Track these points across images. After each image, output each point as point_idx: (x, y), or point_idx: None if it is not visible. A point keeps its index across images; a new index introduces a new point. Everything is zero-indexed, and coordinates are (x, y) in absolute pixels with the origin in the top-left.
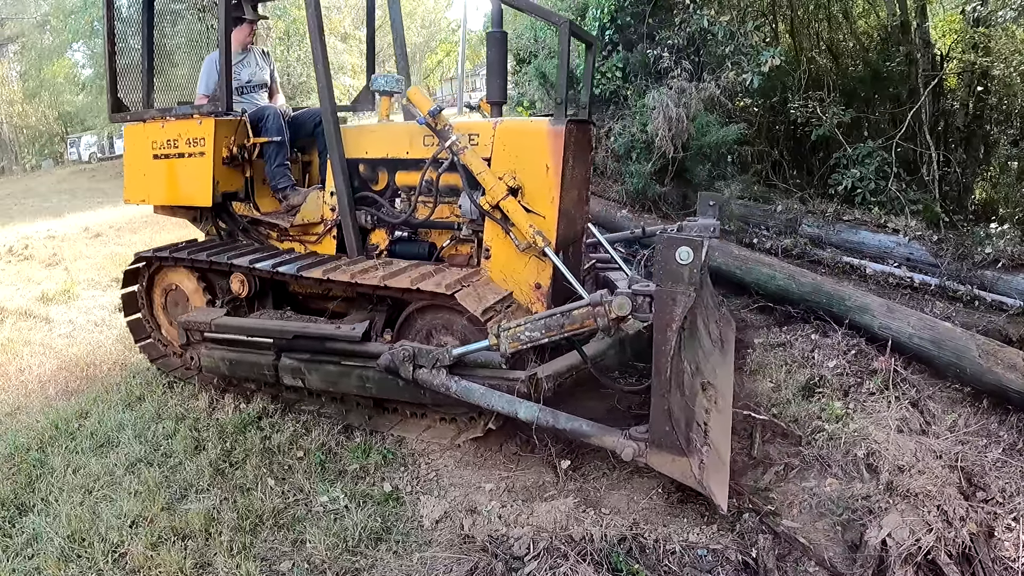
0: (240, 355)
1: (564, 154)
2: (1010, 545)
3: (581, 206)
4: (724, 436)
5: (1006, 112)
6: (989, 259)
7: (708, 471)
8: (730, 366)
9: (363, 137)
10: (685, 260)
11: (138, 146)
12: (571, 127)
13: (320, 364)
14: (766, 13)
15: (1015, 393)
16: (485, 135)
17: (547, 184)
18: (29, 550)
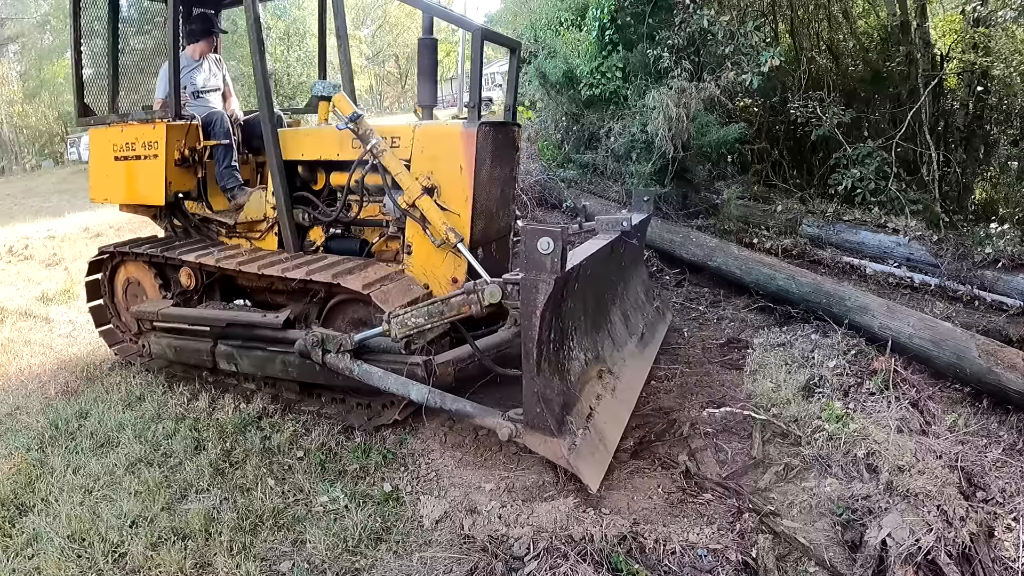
0: (183, 342)
1: (477, 155)
2: (1010, 545)
3: (506, 204)
4: (616, 423)
5: (1006, 112)
6: (989, 259)
7: (580, 453)
8: (648, 359)
9: (300, 140)
10: (546, 250)
11: (101, 149)
12: (486, 129)
13: (250, 350)
14: (766, 13)
15: (1015, 393)
16: (405, 138)
17: (461, 183)
18: (29, 550)
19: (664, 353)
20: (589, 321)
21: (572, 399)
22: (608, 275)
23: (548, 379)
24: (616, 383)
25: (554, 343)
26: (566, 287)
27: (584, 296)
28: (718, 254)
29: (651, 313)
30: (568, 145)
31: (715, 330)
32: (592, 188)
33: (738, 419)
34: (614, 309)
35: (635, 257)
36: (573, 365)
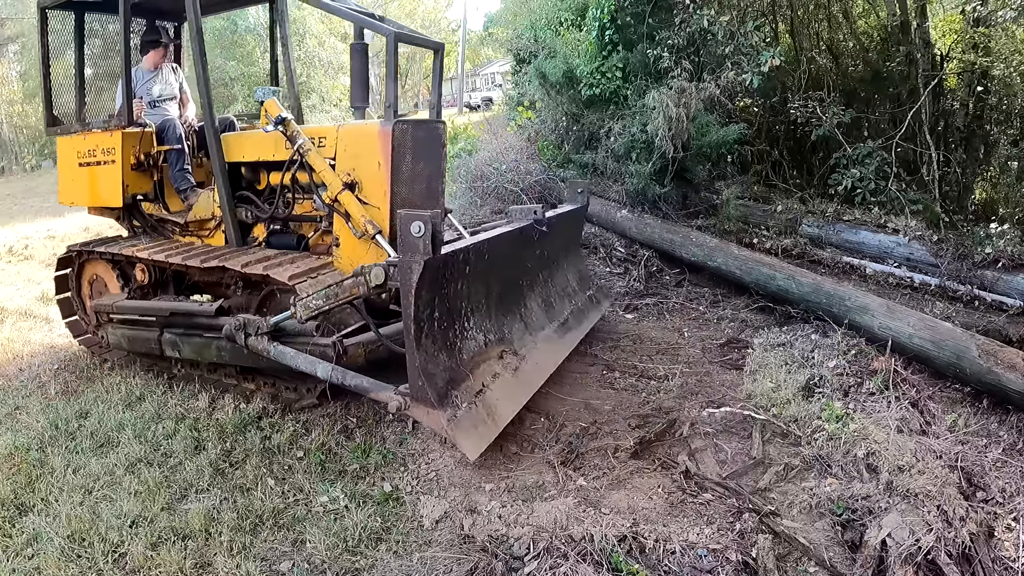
0: (135, 332)
1: (394, 151)
2: (1010, 545)
3: (432, 199)
4: (511, 401)
5: (1006, 112)
6: (989, 259)
7: (461, 425)
8: (568, 344)
9: (241, 143)
10: (417, 233)
11: (68, 155)
12: (404, 127)
13: (190, 337)
14: (766, 13)
15: (1015, 393)
16: (330, 138)
17: (379, 178)
18: (29, 550)
19: (664, 353)
20: (494, 304)
21: (461, 375)
22: (523, 262)
23: (431, 355)
24: (521, 364)
25: (440, 322)
26: (448, 269)
27: (486, 280)
28: (718, 254)
29: (582, 301)
30: (568, 145)
31: (715, 330)
32: (592, 188)
33: (738, 419)
34: (532, 295)
35: (568, 246)
36: (468, 344)
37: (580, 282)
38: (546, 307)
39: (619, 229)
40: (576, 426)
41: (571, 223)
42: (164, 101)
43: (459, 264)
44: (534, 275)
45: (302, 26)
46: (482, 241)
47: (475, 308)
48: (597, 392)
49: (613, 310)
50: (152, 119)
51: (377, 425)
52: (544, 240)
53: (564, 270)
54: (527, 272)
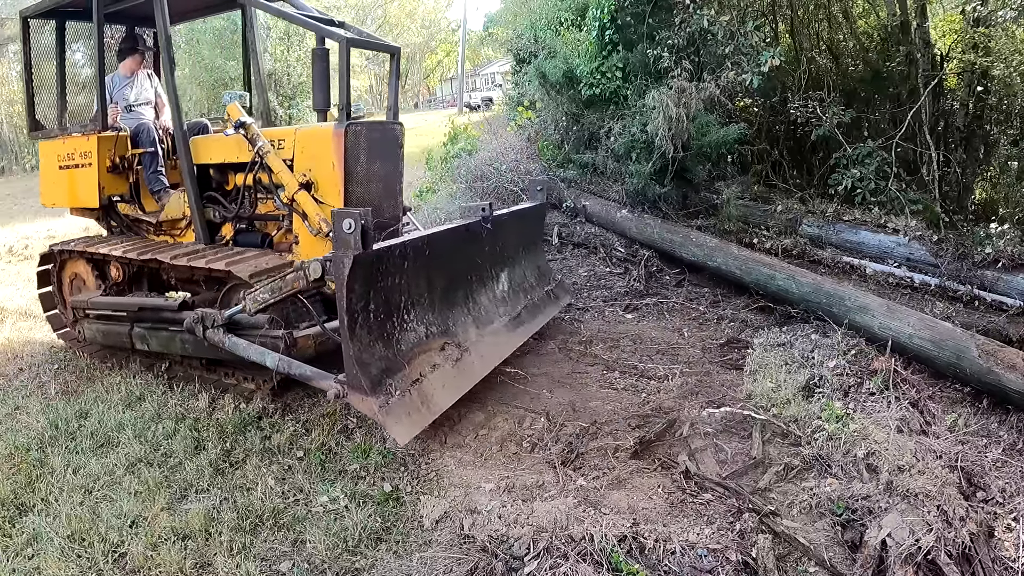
0: (108, 327)
1: (347, 152)
2: (1010, 545)
3: (391, 198)
4: (449, 390)
5: (1006, 112)
6: (989, 259)
7: (392, 411)
8: (519, 337)
9: (209, 146)
10: (348, 230)
11: (49, 158)
12: (357, 129)
13: (157, 331)
14: (766, 13)
15: (1015, 393)
16: (289, 140)
17: (334, 178)
18: (29, 550)
19: (664, 353)
20: (438, 298)
21: (397, 365)
22: (471, 258)
23: (366, 345)
24: (463, 356)
25: (377, 314)
26: (383, 264)
27: (429, 275)
28: (718, 254)
29: (539, 296)
30: (568, 145)
31: (715, 330)
32: (592, 188)
33: (738, 419)
34: (483, 290)
35: (526, 242)
36: (407, 336)
37: (539, 277)
38: (498, 302)
39: (619, 229)
40: (576, 426)
41: (530, 220)
42: (140, 106)
43: (395, 259)
44: (485, 270)
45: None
46: (421, 237)
47: (416, 301)
48: (597, 392)
49: (613, 309)
50: (127, 123)
51: (377, 425)
52: (499, 237)
53: (522, 266)
54: (477, 267)
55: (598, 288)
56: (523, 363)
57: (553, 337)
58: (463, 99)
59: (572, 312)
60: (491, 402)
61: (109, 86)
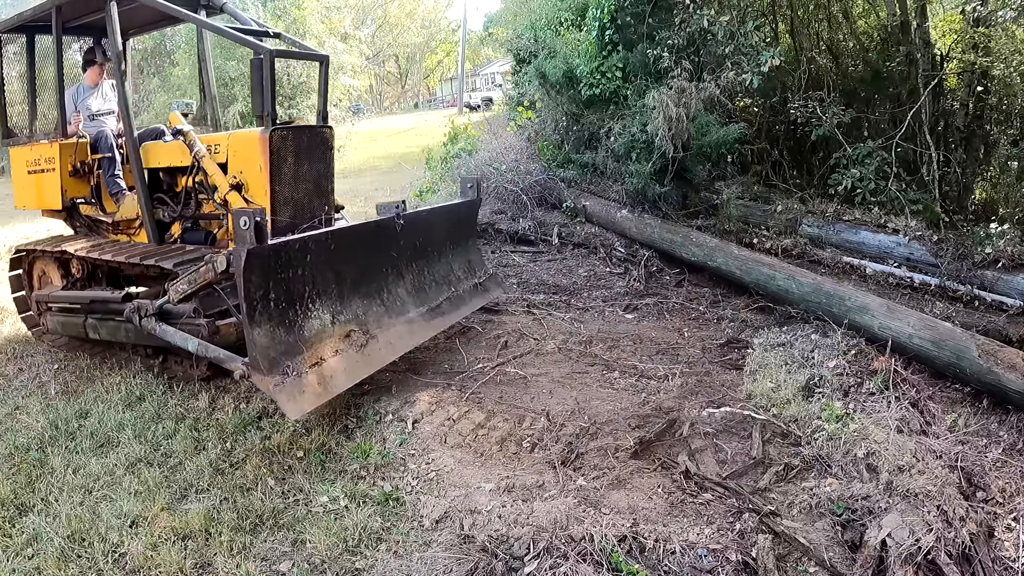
0: (67, 318)
1: (272, 155)
2: (1010, 545)
3: (321, 198)
4: (349, 374)
5: (1006, 112)
6: (989, 259)
7: (286, 389)
8: (435, 327)
9: (158, 151)
10: (243, 227)
11: (19, 164)
12: (283, 133)
13: (105, 321)
14: (766, 13)
15: (1015, 393)
16: (223, 145)
17: (261, 180)
18: (29, 550)
19: (664, 353)
20: (348, 289)
21: (297, 349)
22: (387, 251)
23: (266, 330)
24: (369, 342)
25: (278, 302)
26: (282, 257)
27: (336, 268)
28: (718, 254)
29: (465, 288)
30: (568, 145)
31: (715, 330)
32: (592, 188)
33: (738, 419)
34: (401, 282)
35: (454, 237)
36: (311, 323)
37: (467, 271)
38: (416, 293)
39: (619, 229)
40: (576, 426)
41: (459, 216)
42: (103, 115)
43: (295, 253)
44: (403, 264)
45: (302, 26)
46: (325, 233)
47: (322, 292)
48: (597, 392)
49: (613, 309)
50: (89, 131)
51: (377, 425)
52: (420, 232)
53: (448, 260)
54: (393, 261)
55: (598, 288)
56: (523, 363)
57: (553, 337)
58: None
59: (572, 312)
60: (491, 402)
61: (74, 96)
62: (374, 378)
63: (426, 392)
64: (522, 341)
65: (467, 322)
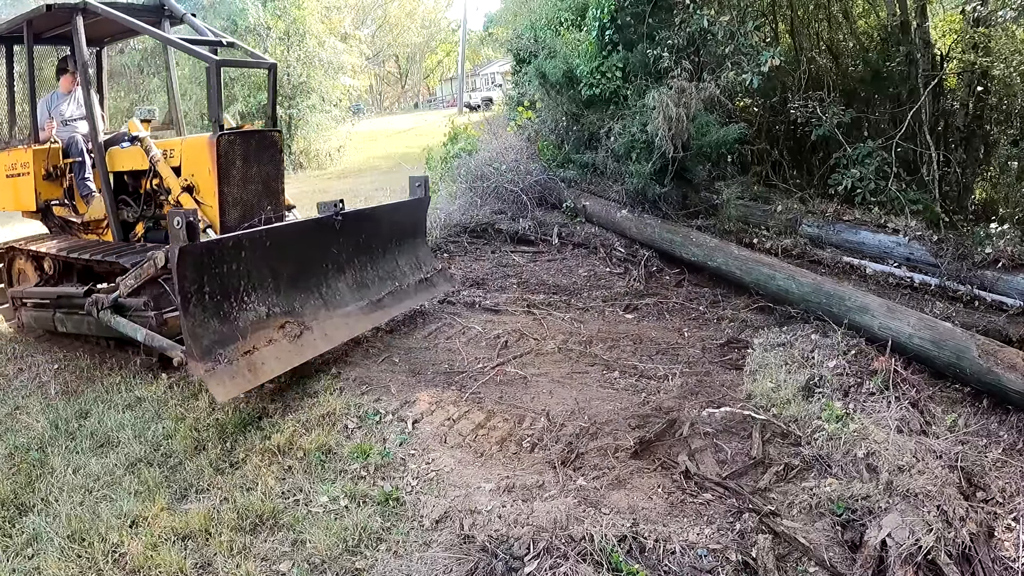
0: (38, 313)
1: (220, 158)
2: (1010, 545)
3: (270, 198)
4: (281, 362)
5: (1006, 112)
6: (989, 259)
7: (216, 375)
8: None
9: (122, 156)
10: (177, 226)
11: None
12: (230, 138)
13: (71, 315)
14: (766, 13)
15: (1015, 393)
16: (177, 149)
17: (210, 182)
18: (29, 550)
19: (664, 353)
20: (285, 283)
21: (231, 338)
22: (326, 248)
23: (200, 321)
24: (304, 333)
25: (212, 295)
26: (215, 254)
27: (272, 263)
28: (718, 254)
29: (411, 283)
30: (568, 145)
31: (715, 330)
32: (592, 188)
33: (738, 419)
34: (342, 277)
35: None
36: (246, 314)
37: (414, 267)
38: (357, 287)
39: (619, 229)
40: (576, 426)
41: (406, 213)
42: (75, 121)
43: (229, 250)
44: (346, 260)
45: (302, 26)
46: (261, 231)
47: (258, 286)
48: (597, 392)
49: (613, 309)
50: (62, 136)
51: (377, 425)
52: (363, 229)
53: (395, 256)
54: (333, 257)
55: (598, 288)
56: (523, 363)
57: (553, 337)
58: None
59: (572, 312)
60: (491, 402)
61: (48, 103)
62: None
63: (426, 392)
64: (522, 341)
65: (467, 322)
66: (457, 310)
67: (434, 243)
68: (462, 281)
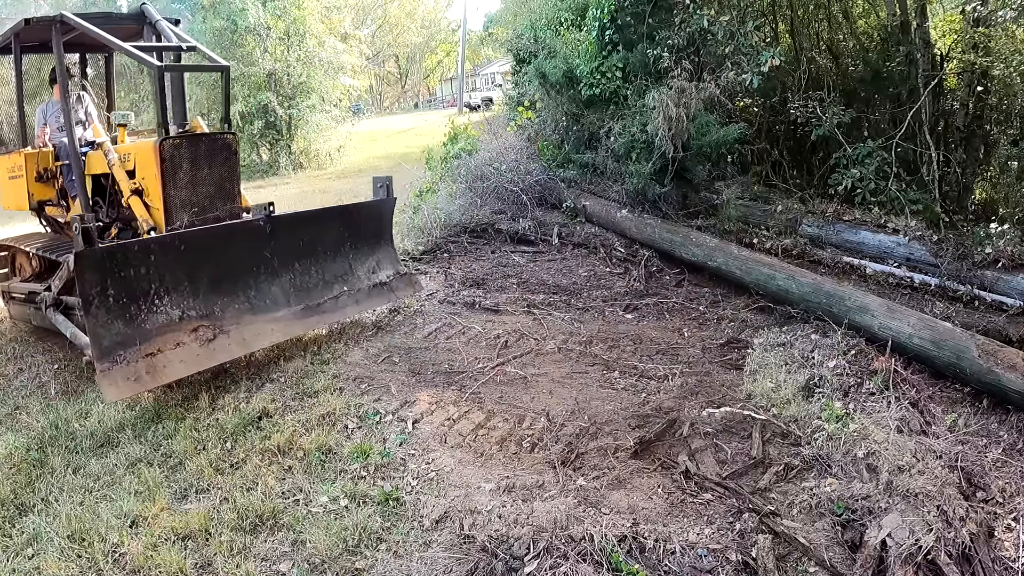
0: (20, 307)
1: (164, 162)
2: (1010, 545)
3: (224, 199)
4: (187, 365)
5: (1006, 112)
6: (989, 259)
7: (111, 375)
8: (306, 326)
9: (93, 160)
10: (75, 232)
11: (3, 171)
12: (176, 142)
13: (38, 310)
14: (766, 13)
15: (1015, 393)
16: (132, 154)
17: (156, 184)
18: (29, 550)
19: (664, 353)
20: (204, 287)
21: (132, 340)
22: (257, 251)
23: (102, 322)
24: (219, 337)
25: (117, 298)
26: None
27: (188, 267)
28: (718, 254)
29: (363, 288)
30: (568, 145)
31: (715, 330)
32: (592, 188)
33: (738, 419)
34: (275, 281)
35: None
36: (156, 317)
37: (372, 271)
38: (295, 292)
39: (619, 229)
40: (576, 426)
41: (366, 216)
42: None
43: (135, 254)
44: (282, 264)
45: (302, 26)
46: (171, 235)
47: (172, 289)
48: (597, 392)
49: (613, 309)
50: (56, 140)
51: (377, 425)
52: (306, 233)
53: (348, 259)
54: (266, 261)
55: (598, 288)
56: (523, 363)
57: (553, 337)
58: (463, 99)
59: (572, 312)
60: (491, 402)
61: (44, 110)
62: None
63: (426, 392)
64: (522, 341)
65: (467, 322)
66: (457, 310)
67: (434, 243)
68: (462, 281)
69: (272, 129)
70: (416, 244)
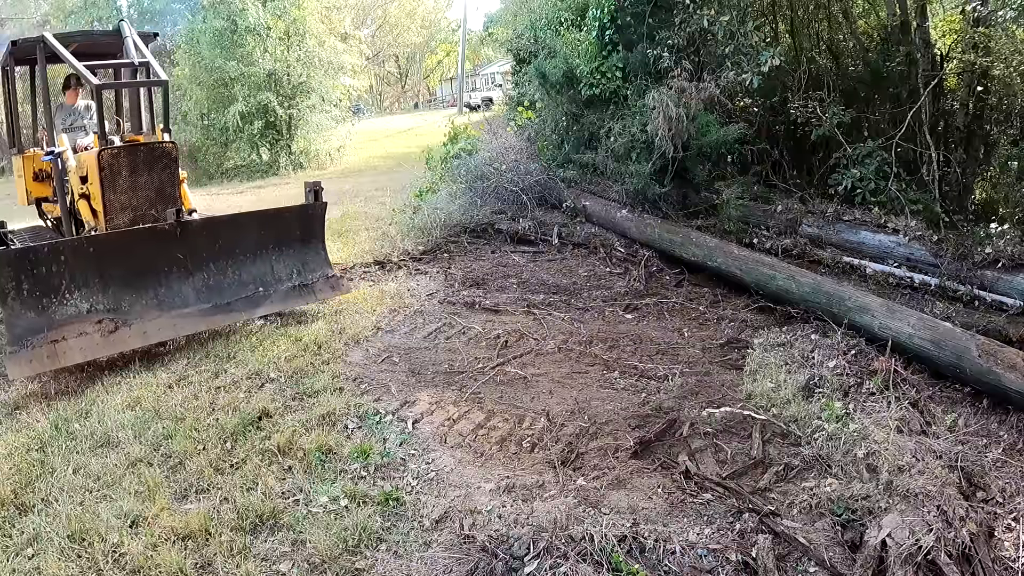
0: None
1: (103, 170)
2: (1010, 545)
3: (164, 203)
4: (83, 353)
5: (1006, 112)
6: (989, 259)
7: (17, 357)
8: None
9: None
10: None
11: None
12: (114, 151)
13: None
14: (766, 13)
15: (1015, 393)
16: (85, 162)
17: (98, 191)
18: (29, 550)
19: (664, 353)
20: (115, 284)
21: (41, 328)
22: (168, 253)
23: (17, 312)
24: (119, 329)
25: (32, 291)
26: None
27: (100, 266)
28: (718, 254)
29: (281, 290)
30: (568, 145)
31: (715, 330)
32: (592, 188)
33: (738, 419)
34: (188, 280)
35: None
36: (65, 310)
37: (295, 272)
38: (206, 291)
39: (619, 229)
40: (576, 426)
41: (294, 219)
42: (75, 130)
43: (45, 256)
44: (195, 264)
45: (302, 25)
46: (84, 238)
47: (83, 286)
48: (597, 392)
49: (613, 309)
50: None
51: (377, 425)
52: (227, 235)
53: (269, 261)
54: (180, 262)
55: (598, 288)
56: (523, 363)
57: (553, 337)
58: (463, 99)
59: (572, 312)
60: (491, 402)
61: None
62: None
63: (426, 392)
64: (522, 341)
65: (467, 322)
66: (457, 310)
67: (434, 243)
68: (462, 281)
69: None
70: (416, 244)
